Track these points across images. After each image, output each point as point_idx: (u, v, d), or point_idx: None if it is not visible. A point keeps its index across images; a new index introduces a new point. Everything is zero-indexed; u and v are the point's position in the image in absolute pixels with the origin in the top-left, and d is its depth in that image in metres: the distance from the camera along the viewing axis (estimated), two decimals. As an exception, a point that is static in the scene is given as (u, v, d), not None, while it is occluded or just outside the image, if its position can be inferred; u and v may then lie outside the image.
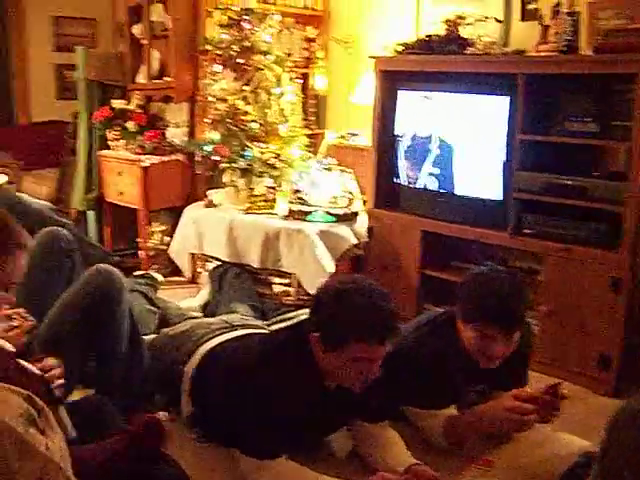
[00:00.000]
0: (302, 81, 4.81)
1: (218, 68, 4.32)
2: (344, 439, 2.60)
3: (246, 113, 4.22)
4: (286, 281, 4.07)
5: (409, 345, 2.58)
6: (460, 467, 2.46)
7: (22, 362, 1.81)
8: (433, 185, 3.91)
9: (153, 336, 3.15)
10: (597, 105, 3.36)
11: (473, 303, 2.45)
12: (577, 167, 3.45)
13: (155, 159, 4.67)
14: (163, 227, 4.79)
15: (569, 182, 3.38)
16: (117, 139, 4.89)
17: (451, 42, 3.82)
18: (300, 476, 2.23)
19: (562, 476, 2.29)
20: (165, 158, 4.72)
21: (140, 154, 4.71)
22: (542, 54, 3.46)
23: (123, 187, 4.81)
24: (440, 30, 3.91)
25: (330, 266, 3.86)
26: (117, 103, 5.00)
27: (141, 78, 5.09)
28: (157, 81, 4.93)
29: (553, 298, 3.42)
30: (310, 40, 5.10)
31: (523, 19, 3.97)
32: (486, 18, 3.91)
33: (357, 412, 2.49)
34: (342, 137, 4.71)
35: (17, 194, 4.15)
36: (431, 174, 3.91)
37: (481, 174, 3.70)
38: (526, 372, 2.81)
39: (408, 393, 2.58)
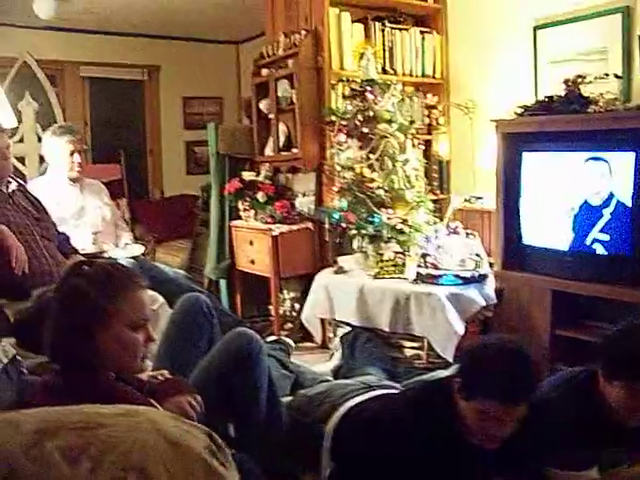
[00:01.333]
0: (425, 147, 4.91)
1: (343, 138, 4.47)
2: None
3: (372, 180, 4.33)
4: (417, 344, 4.09)
5: (548, 403, 2.55)
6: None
7: None
8: (560, 244, 3.89)
9: (289, 398, 3.22)
10: None
11: (624, 358, 2.40)
12: None
13: (285, 228, 4.84)
14: (293, 294, 4.92)
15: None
16: (248, 209, 5.11)
17: (572, 101, 3.83)
18: None
19: None
20: (294, 227, 4.88)
21: (270, 223, 4.89)
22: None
23: (254, 255, 5.00)
24: (559, 90, 3.93)
25: (460, 328, 3.87)
26: (247, 175, 5.23)
27: (269, 150, 5.31)
28: (284, 153, 5.13)
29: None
30: (431, 107, 5.21)
31: (645, 73, 3.95)
32: (606, 75, 3.91)
33: (498, 472, 2.47)
34: (467, 201, 4.75)
35: (154, 264, 4.36)
36: (558, 233, 3.88)
37: (610, 230, 3.66)
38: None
39: (548, 453, 2.54)
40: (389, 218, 4.29)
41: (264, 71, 5.27)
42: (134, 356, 1.89)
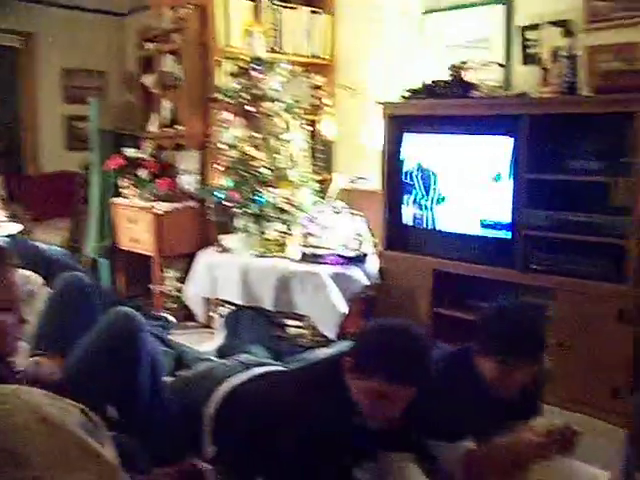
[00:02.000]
0: (311, 128, 4.91)
1: (229, 116, 4.43)
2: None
3: (257, 159, 4.32)
4: (300, 323, 4.12)
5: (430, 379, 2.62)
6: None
7: None
8: (442, 225, 4.00)
9: (170, 379, 3.17)
10: (599, 143, 3.49)
11: (497, 336, 2.48)
12: (582, 203, 3.54)
13: (168, 206, 4.75)
14: (176, 273, 4.84)
15: (575, 218, 3.48)
16: (130, 187, 4.98)
17: (456, 87, 3.93)
18: None
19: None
20: (178, 205, 4.81)
21: (153, 201, 4.80)
22: (544, 96, 3.58)
23: (137, 234, 4.89)
24: (445, 76, 4.02)
25: (343, 307, 3.92)
26: (130, 152, 5.10)
27: (153, 127, 5.20)
28: (168, 129, 5.03)
29: (563, 332, 3.47)
30: (318, 88, 5.22)
31: (524, 63, 4.09)
32: (489, 63, 4.03)
33: (384, 444, 2.52)
34: (352, 181, 4.80)
35: (32, 242, 4.21)
36: (439, 215, 3.99)
37: (489, 213, 3.79)
38: (540, 403, 2.86)
39: (430, 426, 2.61)
40: (273, 197, 4.28)
41: (149, 45, 5.14)
42: (3, 338, 1.81)
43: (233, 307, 4.24)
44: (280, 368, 2.96)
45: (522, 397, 2.57)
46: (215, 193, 4.39)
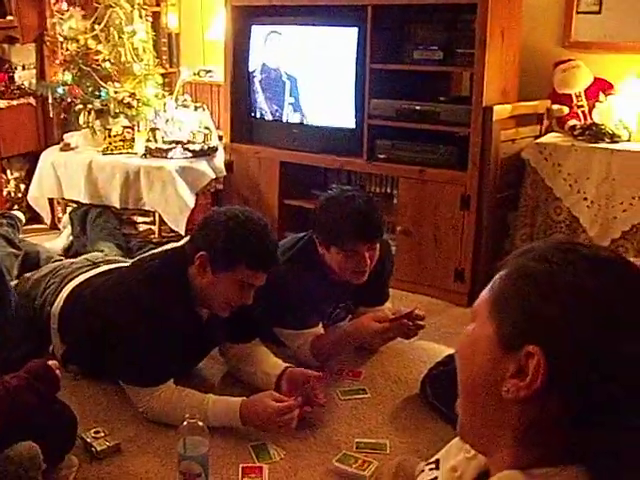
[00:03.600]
0: (153, 19, 4.73)
1: (65, 6, 4.21)
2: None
3: (98, 52, 4.16)
4: (149, 219, 4.09)
5: (275, 272, 2.69)
6: (331, 381, 2.64)
7: None
8: (288, 117, 4.02)
9: (16, 282, 3.10)
10: (443, 34, 3.55)
11: (332, 227, 2.56)
12: (426, 93, 3.65)
13: (3, 103, 4.49)
14: (17, 174, 4.64)
15: (418, 107, 3.57)
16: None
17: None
18: (188, 398, 2.30)
19: (424, 377, 2.52)
20: (14, 102, 4.53)
21: (-14, 99, 4.53)
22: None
23: (-30, 135, 4.62)
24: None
25: (191, 201, 3.92)
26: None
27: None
28: (-1, 20, 4.71)
29: (409, 219, 3.62)
30: (159, -23, 5.01)
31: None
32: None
33: (228, 336, 2.59)
34: (197, 74, 4.71)
35: None
36: (286, 106, 4.01)
37: (335, 104, 3.84)
38: (387, 289, 3.01)
39: (278, 315, 2.71)
40: (116, 92, 4.16)
41: None
42: None
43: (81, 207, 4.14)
44: (127, 264, 2.94)
45: (370, 283, 2.70)
46: (55, 88, 4.21)
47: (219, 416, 2.26)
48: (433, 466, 1.06)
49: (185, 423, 1.93)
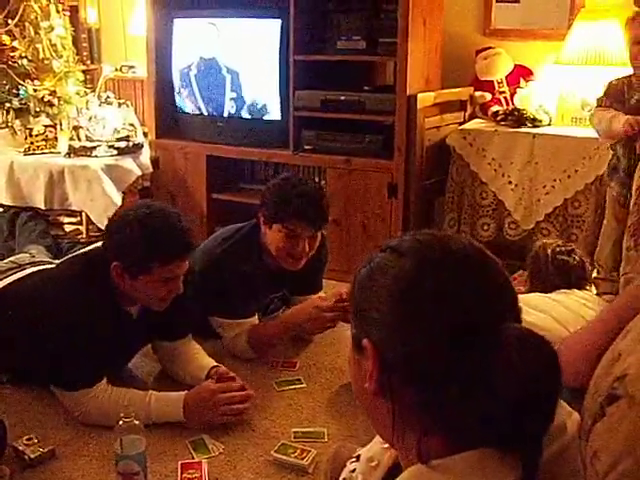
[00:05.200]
0: (70, 14, 4.62)
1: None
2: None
3: (14, 49, 4.06)
4: (76, 220, 4.03)
5: (213, 260, 2.69)
6: (266, 371, 2.66)
7: None
8: (214, 111, 4.00)
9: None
10: (366, 24, 3.58)
11: (281, 203, 2.58)
12: (351, 83, 3.69)
13: None
14: None
15: (343, 97, 3.61)
16: None
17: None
18: (128, 397, 2.27)
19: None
20: None
21: None
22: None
23: None
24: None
25: (117, 199, 3.87)
26: None
27: None
28: None
29: (337, 208, 3.62)
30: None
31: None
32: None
33: (159, 333, 2.57)
34: (119, 70, 4.63)
35: None
36: (210, 100, 3.98)
37: (260, 96, 3.83)
38: (321, 278, 3.03)
39: (215, 304, 2.70)
40: (36, 90, 4.07)
41: None
42: None
43: (2, 209, 4.03)
44: (52, 265, 2.89)
45: (306, 273, 2.74)
46: (-31, 88, 4.09)
47: (162, 411, 2.25)
48: (354, 460, 1.12)
49: (121, 422, 1.91)
